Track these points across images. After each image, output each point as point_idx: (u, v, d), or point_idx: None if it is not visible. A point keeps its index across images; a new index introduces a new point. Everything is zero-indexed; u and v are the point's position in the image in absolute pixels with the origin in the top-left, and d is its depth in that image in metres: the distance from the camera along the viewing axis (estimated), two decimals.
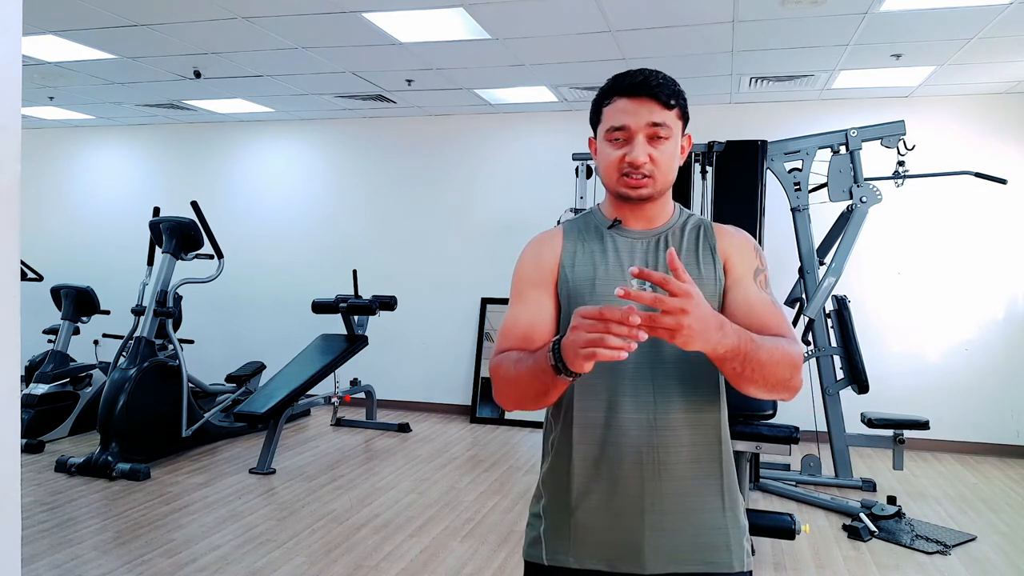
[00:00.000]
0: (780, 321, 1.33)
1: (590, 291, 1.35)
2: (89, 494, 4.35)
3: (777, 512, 3.40)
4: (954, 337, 5.75)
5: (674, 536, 1.30)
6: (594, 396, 1.32)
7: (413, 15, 4.17)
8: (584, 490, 1.33)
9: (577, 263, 1.38)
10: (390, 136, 7.02)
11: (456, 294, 6.82)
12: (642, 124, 1.31)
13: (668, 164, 1.34)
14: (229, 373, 6.12)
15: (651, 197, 1.36)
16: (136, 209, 7.51)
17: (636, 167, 1.31)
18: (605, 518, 1.32)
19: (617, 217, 1.41)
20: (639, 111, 1.31)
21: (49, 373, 5.63)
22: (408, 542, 3.73)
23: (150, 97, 6.38)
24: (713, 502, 1.33)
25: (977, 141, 5.68)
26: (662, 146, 1.33)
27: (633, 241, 1.39)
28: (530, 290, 1.40)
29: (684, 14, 4.09)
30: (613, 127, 1.33)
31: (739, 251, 1.39)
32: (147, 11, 4.22)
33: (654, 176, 1.33)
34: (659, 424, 1.30)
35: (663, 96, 1.31)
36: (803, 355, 1.28)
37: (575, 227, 1.45)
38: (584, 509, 1.33)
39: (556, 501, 1.37)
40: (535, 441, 5.90)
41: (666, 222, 1.41)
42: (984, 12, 3.95)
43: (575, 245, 1.40)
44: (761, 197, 4.40)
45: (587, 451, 1.33)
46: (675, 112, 1.34)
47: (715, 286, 1.36)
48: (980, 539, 3.90)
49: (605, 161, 1.36)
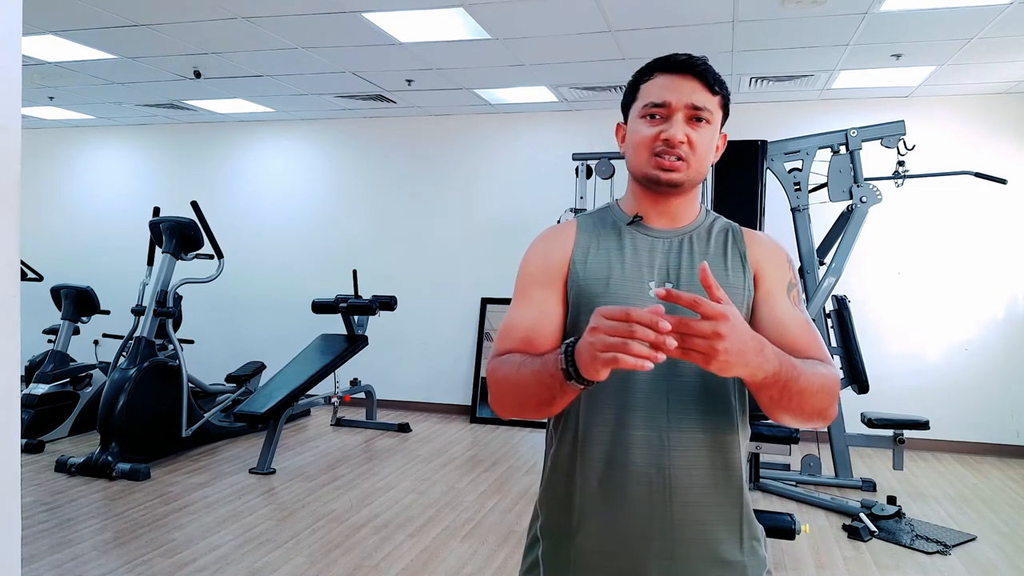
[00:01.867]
0: (815, 344, 1.20)
1: (603, 292, 1.22)
2: (89, 494, 4.35)
3: (777, 512, 3.40)
4: (954, 337, 5.75)
5: (684, 566, 1.18)
6: (601, 410, 1.21)
7: (413, 15, 4.17)
8: (586, 512, 1.22)
9: (590, 260, 1.26)
10: (390, 136, 7.02)
11: (456, 294, 6.82)
12: (683, 102, 1.20)
13: (705, 152, 1.23)
14: (229, 373, 6.12)
15: (681, 187, 1.24)
16: (136, 209, 7.51)
17: (672, 145, 1.20)
18: (608, 544, 1.20)
19: (638, 213, 1.29)
20: (682, 88, 1.21)
21: (49, 373, 5.63)
22: (408, 542, 3.73)
23: (150, 97, 6.38)
24: (730, 533, 1.20)
25: (977, 141, 5.68)
26: (702, 129, 1.22)
27: (654, 240, 1.27)
28: (536, 289, 1.27)
29: (684, 14, 4.09)
30: (652, 103, 1.22)
31: (772, 262, 1.27)
32: (147, 11, 4.22)
33: (689, 161, 1.21)
34: (672, 444, 1.18)
35: (708, 78, 1.22)
36: (840, 382, 1.17)
37: (590, 221, 1.32)
38: (585, 533, 1.22)
39: (555, 523, 1.27)
40: (535, 441, 5.90)
41: (691, 222, 1.29)
42: (984, 12, 3.95)
43: (589, 240, 1.28)
44: (761, 197, 4.39)
45: (591, 470, 1.21)
46: (718, 100, 1.24)
47: (744, 296, 1.24)
48: (980, 539, 3.89)
49: (636, 139, 1.24)
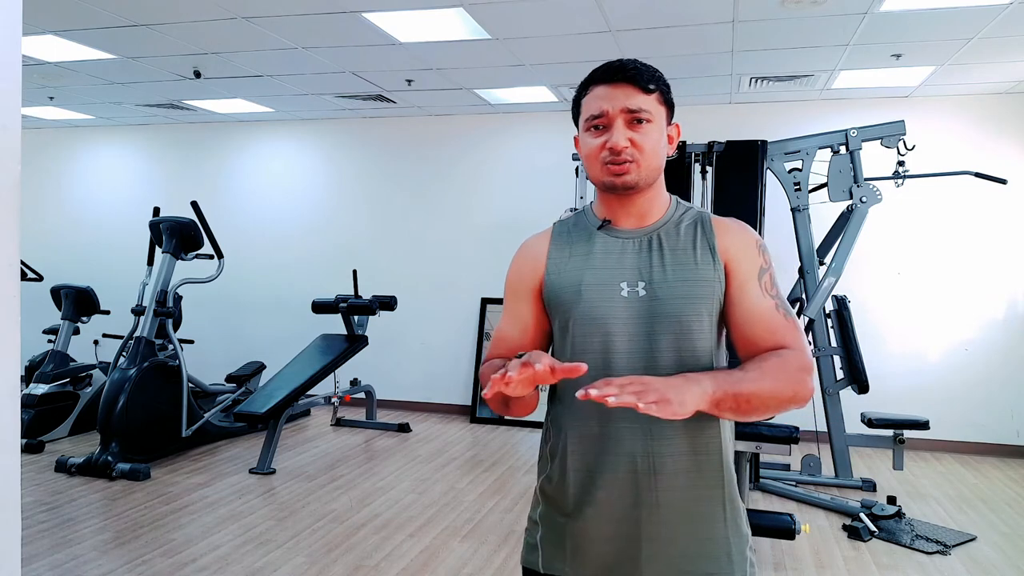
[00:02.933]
0: (787, 330, 1.27)
1: (576, 299, 1.30)
2: (89, 494, 4.35)
3: (777, 512, 3.40)
4: (954, 337, 5.75)
5: (672, 546, 1.26)
6: (587, 404, 1.27)
7: (413, 15, 4.17)
8: (580, 499, 1.30)
9: (563, 270, 1.33)
10: (390, 136, 7.02)
11: (456, 294, 6.82)
12: (619, 109, 1.26)
13: (652, 149, 1.28)
14: (229, 373, 6.13)
15: (637, 186, 1.28)
16: (136, 209, 7.51)
17: (616, 152, 1.25)
18: (602, 527, 1.28)
19: (607, 216, 1.35)
20: (616, 96, 1.26)
21: (49, 373, 5.63)
22: (408, 542, 3.73)
23: (150, 97, 6.38)
24: (714, 511, 1.28)
25: (977, 141, 5.68)
26: (643, 130, 1.27)
27: (624, 241, 1.33)
28: (513, 302, 1.40)
29: (684, 14, 4.09)
30: (591, 115, 1.28)
31: (741, 250, 1.31)
32: (147, 11, 4.22)
33: (637, 161, 1.26)
34: (655, 433, 1.25)
35: (640, 80, 1.26)
36: (808, 361, 1.24)
37: (564, 229, 1.40)
38: (580, 518, 1.30)
39: (553, 509, 1.35)
40: (535, 441, 5.90)
41: (659, 218, 1.34)
42: (984, 12, 3.95)
43: (561, 250, 1.36)
44: (761, 197, 4.40)
45: (582, 459, 1.29)
46: (655, 97, 1.28)
47: (715, 287, 1.28)
48: (980, 539, 3.89)
49: (586, 151, 1.31)
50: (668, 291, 1.27)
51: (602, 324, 1.28)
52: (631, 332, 1.27)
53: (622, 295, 1.28)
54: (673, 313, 1.26)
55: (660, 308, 1.27)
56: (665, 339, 1.26)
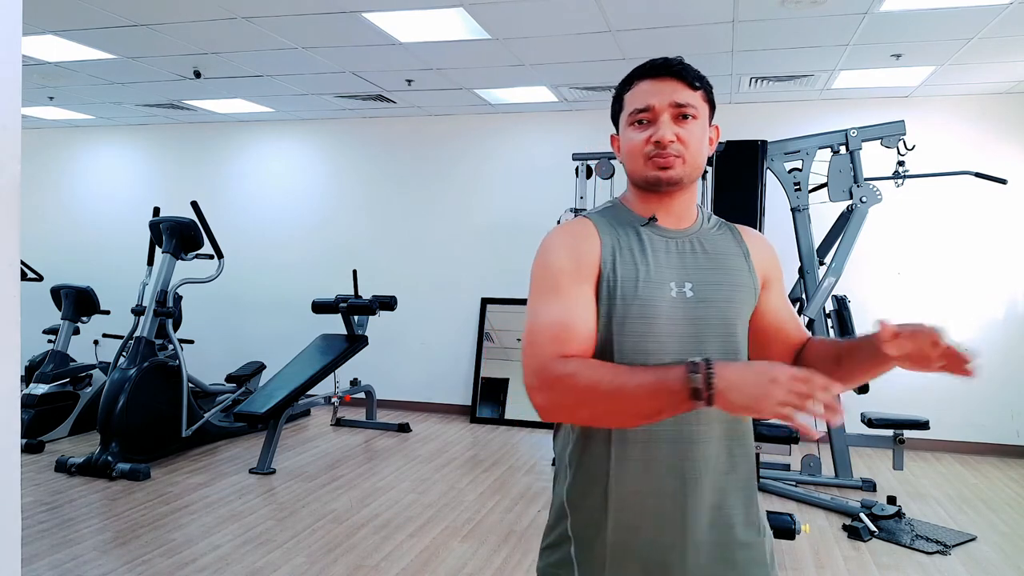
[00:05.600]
0: (803, 330, 1.40)
1: (633, 294, 1.23)
2: (89, 494, 4.35)
3: (777, 512, 3.40)
4: (954, 337, 5.72)
5: (712, 551, 1.23)
6: None
7: (413, 15, 4.17)
8: (622, 509, 1.24)
9: (619, 261, 1.25)
10: (390, 136, 7.02)
11: (456, 294, 6.82)
12: (666, 103, 1.24)
13: (697, 146, 1.26)
14: (229, 373, 6.12)
15: (681, 182, 1.26)
16: (136, 209, 7.51)
17: (663, 146, 1.23)
18: (644, 537, 1.23)
19: (653, 214, 1.31)
20: (662, 90, 1.25)
21: (49, 373, 5.63)
22: (408, 542, 3.73)
23: (150, 97, 6.38)
24: (751, 514, 1.28)
25: (977, 141, 5.68)
26: (689, 125, 1.25)
27: (668, 241, 1.29)
28: (571, 285, 1.23)
29: (684, 14, 4.09)
30: (637, 109, 1.26)
31: (770, 262, 1.37)
32: (147, 11, 4.22)
33: (683, 156, 1.25)
34: (699, 436, 1.23)
35: (687, 76, 1.26)
36: None
37: (605, 221, 1.30)
38: (620, 528, 1.24)
39: (588, 521, 1.27)
40: (535, 441, 5.90)
41: (694, 222, 1.33)
42: (984, 12, 3.95)
43: (613, 241, 1.27)
44: (761, 197, 4.39)
45: (624, 467, 1.24)
46: (700, 95, 1.28)
47: (752, 295, 1.32)
48: (980, 539, 3.89)
49: (629, 146, 1.28)
50: (715, 294, 1.27)
51: (655, 323, 1.24)
52: (680, 334, 1.24)
53: (671, 295, 1.25)
54: (720, 316, 1.27)
55: (708, 311, 1.26)
56: (714, 342, 1.25)
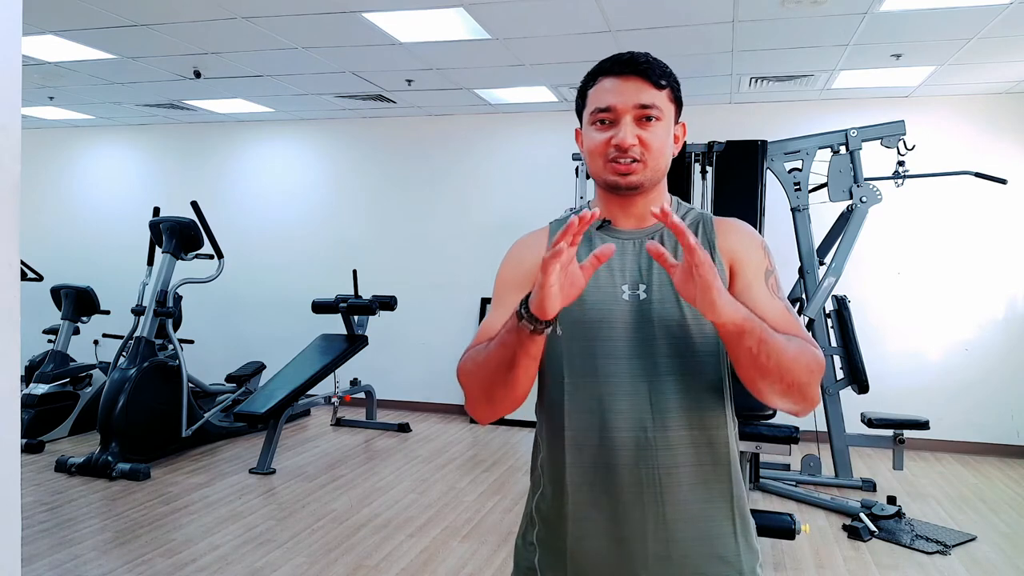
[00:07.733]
0: (796, 329, 1.18)
1: (580, 298, 1.15)
2: (89, 494, 4.35)
3: (777, 512, 3.40)
4: (954, 337, 5.75)
5: (681, 566, 1.18)
6: (585, 413, 1.21)
7: (413, 15, 4.17)
8: (580, 517, 1.21)
9: None
10: (390, 136, 7.02)
11: (456, 294, 6.82)
12: (629, 104, 1.19)
13: (660, 149, 1.22)
14: (229, 373, 6.13)
15: (641, 186, 1.22)
16: (136, 209, 7.51)
17: (623, 150, 1.19)
18: (605, 547, 1.20)
19: (606, 217, 1.28)
20: (626, 90, 1.20)
21: (49, 373, 5.64)
22: (408, 542, 3.73)
23: (150, 97, 6.38)
24: (724, 528, 1.21)
25: (977, 141, 5.68)
26: (652, 128, 1.20)
27: (624, 242, 1.26)
28: (508, 295, 1.26)
29: (684, 14, 4.09)
30: (598, 108, 1.21)
31: (745, 250, 1.24)
32: (147, 11, 4.22)
33: (644, 161, 1.20)
34: (659, 444, 1.18)
35: (652, 75, 1.20)
36: (821, 362, 1.15)
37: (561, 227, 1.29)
38: (581, 538, 1.21)
39: (550, 529, 1.26)
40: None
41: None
42: (984, 12, 3.95)
43: None
44: (761, 197, 4.39)
45: (581, 475, 1.21)
46: (666, 93, 1.22)
47: None
48: (980, 539, 3.90)
49: (590, 146, 1.23)
50: (670, 294, 1.22)
51: (604, 327, 1.21)
52: (631, 336, 1.21)
53: (623, 298, 1.22)
54: (674, 317, 1.20)
55: (663, 310, 1.21)
56: (666, 343, 1.20)
